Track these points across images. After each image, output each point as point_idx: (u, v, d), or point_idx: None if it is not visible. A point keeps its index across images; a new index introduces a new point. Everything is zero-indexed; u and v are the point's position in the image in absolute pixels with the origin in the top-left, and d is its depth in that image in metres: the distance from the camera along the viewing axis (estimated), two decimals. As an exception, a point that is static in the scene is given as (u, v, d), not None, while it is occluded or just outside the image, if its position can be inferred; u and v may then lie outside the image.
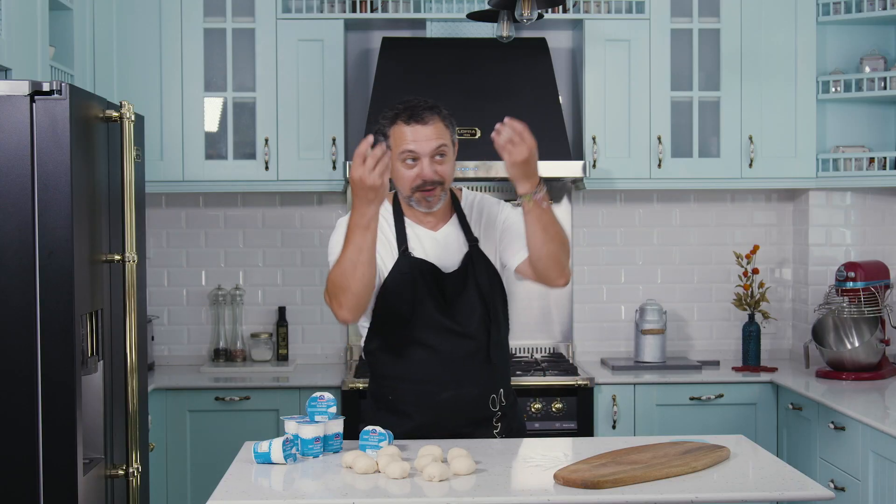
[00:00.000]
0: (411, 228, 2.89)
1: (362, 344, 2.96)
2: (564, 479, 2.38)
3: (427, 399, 2.85)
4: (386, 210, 2.90)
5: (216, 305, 4.55)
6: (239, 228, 4.61)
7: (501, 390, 2.93)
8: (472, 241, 2.88)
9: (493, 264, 2.90)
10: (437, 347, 2.83)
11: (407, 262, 2.83)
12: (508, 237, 2.91)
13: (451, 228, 2.91)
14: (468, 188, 3.08)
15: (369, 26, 4.52)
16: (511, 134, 2.63)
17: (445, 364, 2.84)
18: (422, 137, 2.77)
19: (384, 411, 2.92)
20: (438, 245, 2.87)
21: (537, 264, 2.80)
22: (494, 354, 2.89)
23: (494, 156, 3.97)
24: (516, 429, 2.98)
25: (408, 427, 2.85)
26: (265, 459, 2.59)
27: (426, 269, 2.83)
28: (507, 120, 2.65)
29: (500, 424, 2.92)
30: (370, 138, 2.60)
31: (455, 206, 2.93)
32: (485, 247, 2.90)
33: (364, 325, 2.92)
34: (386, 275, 2.83)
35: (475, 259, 2.86)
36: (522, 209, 2.73)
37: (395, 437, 2.82)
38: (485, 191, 4.53)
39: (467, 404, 2.87)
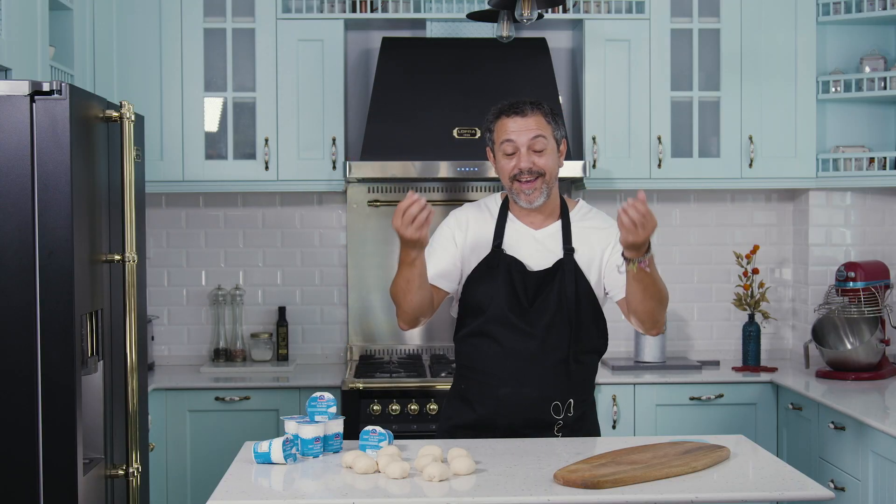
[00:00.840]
0: (512, 225, 2.95)
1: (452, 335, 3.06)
2: (564, 479, 2.38)
3: (488, 392, 2.90)
4: (496, 204, 2.99)
5: (216, 305, 4.55)
6: (239, 228, 4.61)
7: (571, 401, 2.92)
8: (567, 249, 2.92)
9: (584, 277, 2.91)
10: (504, 343, 2.88)
11: (496, 258, 2.90)
12: (613, 274, 2.92)
13: (552, 232, 2.95)
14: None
15: (369, 26, 4.53)
16: (637, 217, 2.62)
17: (507, 360, 2.89)
18: (520, 128, 2.87)
19: (456, 399, 3.01)
20: (535, 245, 2.93)
21: (634, 314, 2.86)
22: (564, 362, 2.89)
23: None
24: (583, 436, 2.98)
25: (470, 417, 2.93)
26: (265, 459, 2.59)
27: (513, 266, 2.89)
28: (635, 201, 2.62)
29: (560, 434, 2.92)
30: (412, 195, 2.66)
31: (563, 213, 2.97)
32: (582, 262, 2.92)
33: (453, 314, 3.03)
34: (475, 265, 2.91)
35: (565, 266, 2.90)
36: (626, 269, 2.75)
37: (460, 426, 2.91)
38: (485, 191, 4.53)
39: (525, 405, 2.89)
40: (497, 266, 2.89)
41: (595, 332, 2.95)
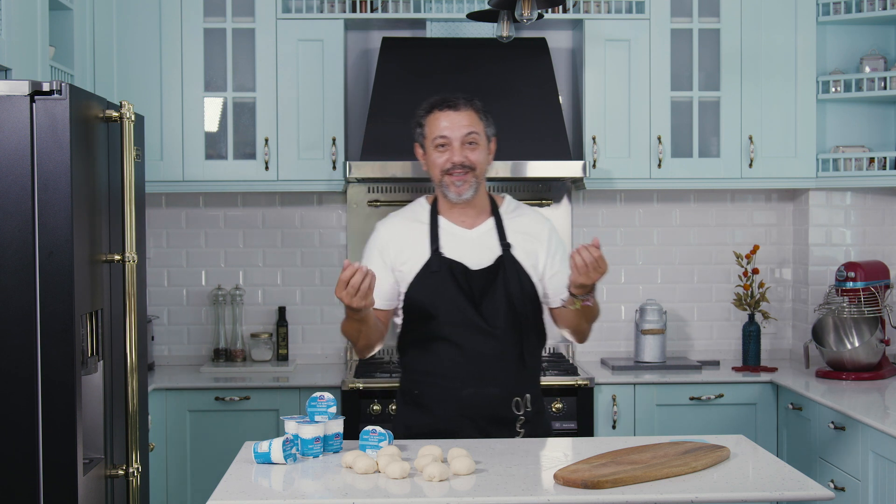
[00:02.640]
0: (445, 228, 2.96)
1: (396, 341, 3.04)
2: (564, 479, 2.38)
3: (449, 395, 2.90)
4: (424, 210, 3.00)
5: (216, 305, 4.55)
6: (239, 228, 4.61)
7: (528, 395, 2.95)
8: (505, 245, 2.94)
9: (525, 272, 2.94)
10: (463, 344, 2.89)
11: (437, 261, 2.91)
12: (552, 283, 2.98)
13: (486, 229, 2.97)
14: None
15: (369, 26, 4.53)
16: (590, 260, 2.70)
17: (469, 361, 2.89)
18: (454, 123, 2.90)
19: (411, 406, 2.99)
20: (472, 244, 2.94)
21: (565, 328, 2.98)
22: (520, 358, 2.93)
23: (495, 155, 3.96)
24: (542, 435, 3.00)
25: (431, 422, 2.92)
26: (265, 459, 2.59)
27: (456, 267, 2.90)
28: (589, 246, 2.70)
29: (523, 430, 2.94)
30: (355, 266, 2.66)
31: (493, 211, 3.00)
32: (520, 256, 2.95)
33: (397, 320, 3.01)
34: (415, 273, 2.91)
35: (506, 263, 2.92)
36: (567, 301, 2.86)
37: (419, 433, 2.89)
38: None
39: (489, 403, 2.91)
40: (439, 270, 2.90)
41: (540, 326, 3.00)
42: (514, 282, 2.91)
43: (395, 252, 2.96)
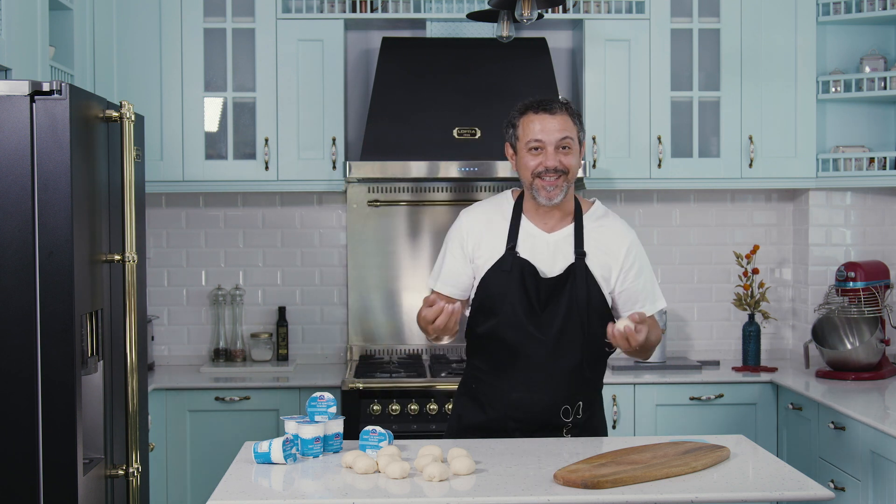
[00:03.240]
0: (525, 227, 2.94)
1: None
2: (564, 479, 2.38)
3: (499, 394, 2.92)
4: (508, 204, 2.98)
5: (216, 305, 4.55)
6: (239, 228, 4.61)
7: (580, 403, 2.95)
8: (579, 253, 2.92)
9: (596, 282, 2.92)
10: (517, 348, 2.90)
11: (510, 260, 2.90)
12: (621, 299, 2.99)
13: (565, 235, 2.94)
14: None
15: (369, 26, 4.53)
16: (620, 335, 2.73)
17: (520, 366, 2.90)
18: (549, 127, 2.87)
19: (466, 396, 3.02)
20: (548, 248, 2.92)
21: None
22: (577, 368, 2.92)
23: (495, 156, 3.97)
24: (589, 436, 3.00)
25: (482, 419, 2.95)
26: (265, 459, 2.59)
27: (527, 270, 2.89)
28: (632, 332, 2.72)
29: (569, 435, 2.95)
30: (437, 304, 2.73)
31: (576, 216, 2.97)
32: (593, 265, 2.93)
33: (467, 312, 3.02)
34: (488, 268, 2.91)
35: (577, 271, 2.90)
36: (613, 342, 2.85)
37: (472, 427, 2.92)
38: (486, 191, 4.53)
39: (536, 409, 2.91)
40: (510, 269, 2.89)
41: (600, 333, 2.94)
42: (582, 291, 2.89)
43: (473, 244, 2.95)
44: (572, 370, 2.90)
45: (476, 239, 2.95)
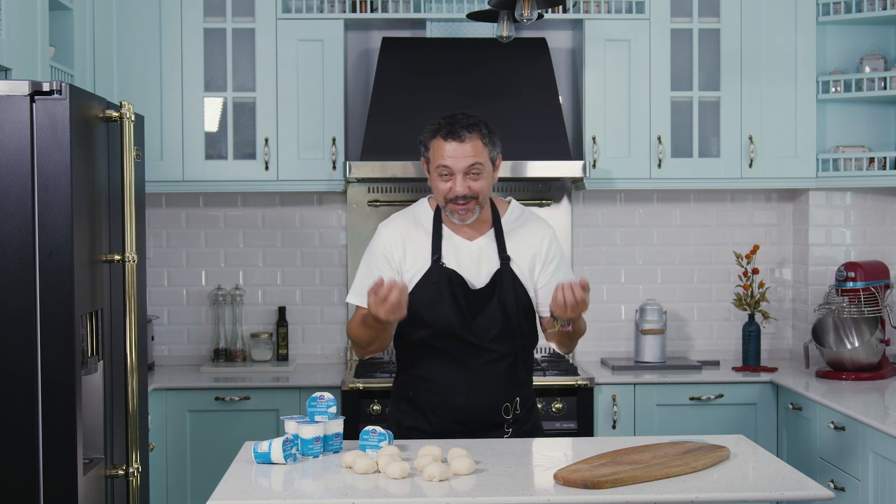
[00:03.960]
0: (448, 237, 2.97)
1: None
2: (564, 479, 2.38)
3: (442, 401, 2.95)
4: (427, 215, 3.01)
5: (216, 305, 4.55)
6: (239, 228, 4.61)
7: (518, 399, 3.00)
8: (503, 258, 2.96)
9: (522, 283, 2.97)
10: (455, 355, 2.93)
11: (437, 272, 2.92)
12: (542, 293, 2.99)
13: (486, 241, 2.98)
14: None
15: (369, 26, 4.52)
16: (571, 301, 2.71)
17: (461, 372, 2.94)
18: (458, 154, 2.86)
19: (405, 403, 3.03)
20: (472, 256, 2.96)
21: (551, 340, 3.00)
22: (512, 367, 2.97)
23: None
24: (528, 431, 3.04)
25: (424, 426, 2.97)
26: (265, 459, 2.59)
27: (455, 281, 2.92)
28: (576, 286, 2.71)
29: (510, 430, 2.99)
30: (389, 283, 2.69)
31: (495, 220, 3.00)
32: (517, 267, 2.97)
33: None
34: (416, 281, 2.93)
35: (504, 277, 2.94)
36: (546, 322, 2.92)
37: (408, 428, 2.93)
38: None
39: (479, 410, 2.95)
40: (438, 281, 2.92)
41: (532, 332, 3.03)
42: (510, 295, 2.94)
43: (399, 256, 2.98)
44: (508, 369, 2.96)
45: (401, 251, 2.97)
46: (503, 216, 3.02)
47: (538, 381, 4.01)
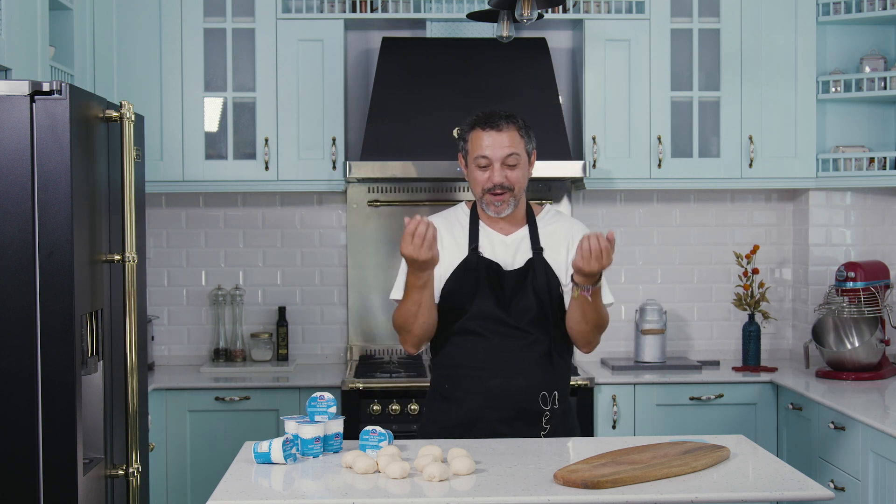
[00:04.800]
0: (484, 231, 3.03)
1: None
2: (564, 479, 2.38)
3: (477, 385, 2.96)
4: (463, 214, 3.07)
5: (216, 305, 4.55)
6: (239, 228, 4.61)
7: (556, 392, 3.01)
8: (536, 249, 3.01)
9: (555, 274, 3.00)
10: (491, 337, 2.96)
11: (475, 259, 2.98)
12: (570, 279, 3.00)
13: (521, 236, 3.03)
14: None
15: (369, 26, 4.53)
16: (596, 250, 2.73)
17: (497, 353, 2.95)
18: (496, 144, 2.94)
19: (438, 400, 3.04)
20: (507, 248, 3.01)
21: (569, 330, 2.99)
22: (548, 354, 2.99)
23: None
24: (564, 433, 3.04)
25: (458, 415, 2.97)
26: (265, 459, 2.59)
27: (490, 267, 2.97)
28: (601, 236, 2.73)
29: (548, 426, 2.99)
30: (418, 218, 2.73)
31: (529, 219, 3.06)
32: (550, 258, 3.01)
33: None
34: (452, 270, 2.97)
35: (536, 265, 2.98)
36: (571, 291, 2.88)
37: (446, 425, 2.94)
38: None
39: (516, 395, 2.96)
40: (476, 268, 2.97)
41: (565, 329, 3.02)
42: (543, 283, 2.97)
43: (439, 248, 2.95)
44: (544, 355, 2.97)
45: (439, 243, 2.95)
46: (538, 215, 3.08)
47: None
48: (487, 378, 2.94)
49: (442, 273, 2.98)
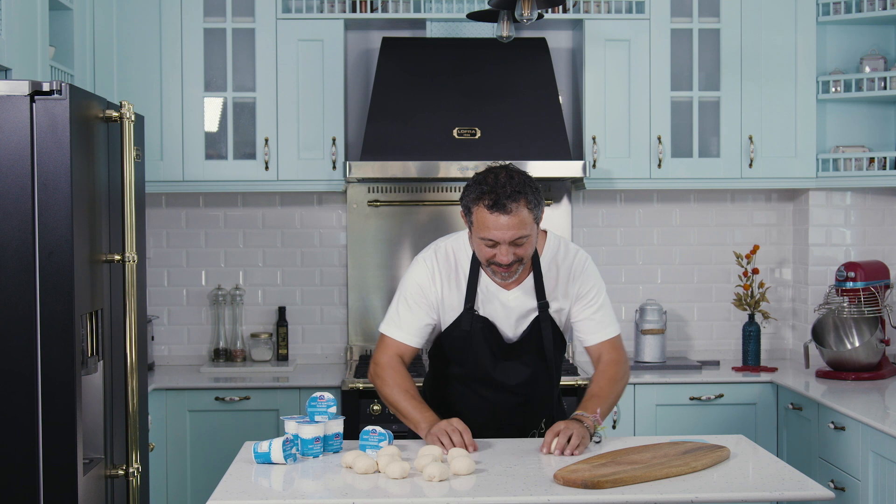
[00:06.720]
0: (483, 284, 2.90)
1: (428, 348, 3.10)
2: (564, 479, 2.38)
3: (470, 421, 2.86)
4: (465, 257, 2.91)
5: (216, 305, 4.55)
6: (239, 228, 4.61)
7: (543, 420, 3.05)
8: (542, 305, 2.90)
9: (559, 328, 2.97)
10: (484, 396, 2.97)
11: (469, 319, 2.90)
12: (579, 326, 2.97)
13: (523, 291, 2.91)
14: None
15: (369, 26, 4.52)
16: (557, 453, 2.71)
17: (489, 410, 2.97)
18: (503, 226, 2.73)
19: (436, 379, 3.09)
20: (506, 307, 2.91)
21: None
22: (540, 403, 3.03)
23: (495, 156, 3.99)
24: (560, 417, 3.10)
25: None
26: (265, 459, 2.59)
27: (487, 330, 2.90)
28: (565, 447, 2.70)
29: (545, 426, 3.06)
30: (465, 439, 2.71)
31: (534, 264, 2.90)
32: (554, 309, 2.94)
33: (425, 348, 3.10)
34: (449, 323, 2.93)
35: (542, 324, 2.91)
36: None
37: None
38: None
39: (509, 435, 2.98)
40: (470, 328, 2.90)
41: (558, 364, 3.05)
42: (549, 341, 2.94)
43: (435, 296, 2.91)
44: (538, 405, 3.02)
45: (438, 290, 2.91)
46: (541, 255, 2.92)
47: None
48: (480, 428, 2.88)
49: (443, 320, 2.93)
